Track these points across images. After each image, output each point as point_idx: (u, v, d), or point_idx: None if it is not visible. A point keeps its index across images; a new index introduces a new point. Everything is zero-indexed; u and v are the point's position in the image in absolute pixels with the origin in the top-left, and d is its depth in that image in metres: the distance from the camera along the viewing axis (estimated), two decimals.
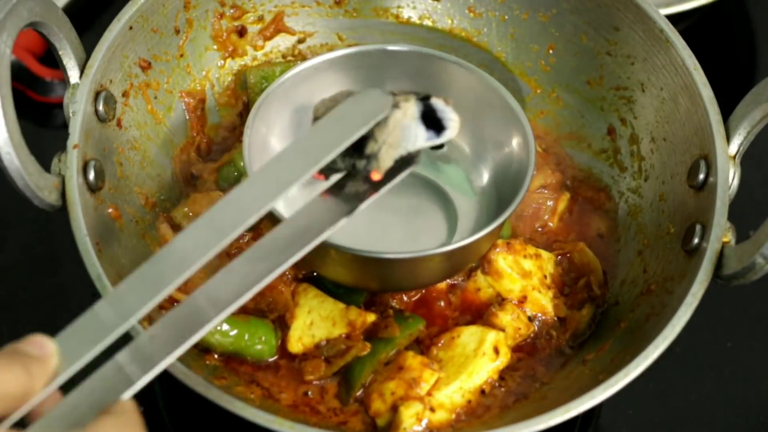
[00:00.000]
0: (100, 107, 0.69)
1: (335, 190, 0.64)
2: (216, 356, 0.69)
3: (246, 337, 0.69)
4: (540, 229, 0.77)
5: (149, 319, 0.66)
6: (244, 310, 0.71)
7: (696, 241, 0.67)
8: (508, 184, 0.72)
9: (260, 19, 0.82)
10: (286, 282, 0.71)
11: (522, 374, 0.71)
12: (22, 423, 0.48)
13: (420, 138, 0.64)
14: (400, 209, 0.73)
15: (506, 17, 0.82)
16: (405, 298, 0.72)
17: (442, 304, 0.73)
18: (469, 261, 0.71)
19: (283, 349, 0.70)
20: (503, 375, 0.70)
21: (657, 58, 0.74)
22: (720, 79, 0.74)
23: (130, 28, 0.72)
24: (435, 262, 0.67)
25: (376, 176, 0.64)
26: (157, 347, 0.54)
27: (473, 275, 0.73)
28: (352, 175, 0.64)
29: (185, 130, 0.79)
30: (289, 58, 0.83)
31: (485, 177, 0.74)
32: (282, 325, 0.70)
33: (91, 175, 0.67)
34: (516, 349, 0.72)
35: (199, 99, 0.80)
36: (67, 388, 0.50)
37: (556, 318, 0.73)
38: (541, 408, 0.62)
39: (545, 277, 0.73)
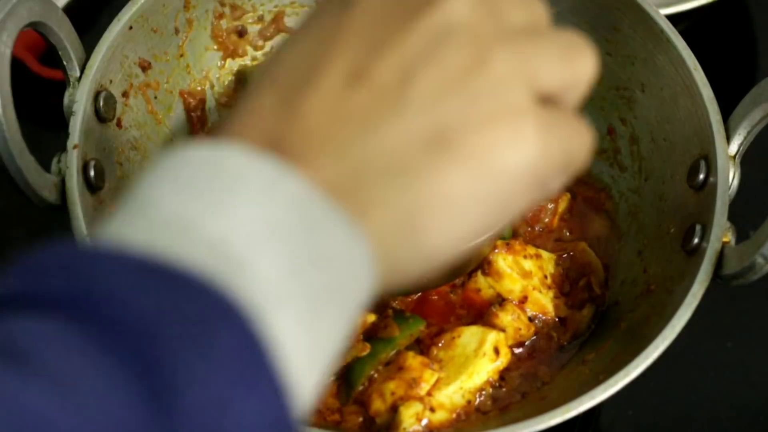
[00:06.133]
0: (100, 107, 0.69)
1: None
2: None
3: None
4: (540, 230, 0.77)
5: None
6: None
7: (696, 241, 0.67)
8: None
9: (260, 19, 0.82)
10: None
11: (522, 374, 0.71)
12: None
13: None
14: None
15: None
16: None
17: (443, 304, 0.73)
18: (470, 266, 0.71)
19: None
20: (503, 375, 0.70)
21: (657, 58, 0.74)
22: (720, 79, 0.74)
23: (130, 28, 0.72)
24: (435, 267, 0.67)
25: None
26: None
27: (473, 276, 0.73)
28: None
29: (185, 130, 0.79)
30: None
31: None
32: None
33: (91, 175, 0.67)
34: (516, 349, 0.72)
35: (199, 99, 0.80)
36: None
37: (556, 318, 0.73)
38: (541, 408, 0.62)
39: (546, 277, 0.73)
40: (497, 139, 0.36)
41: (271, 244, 0.32)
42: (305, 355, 0.33)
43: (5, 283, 0.32)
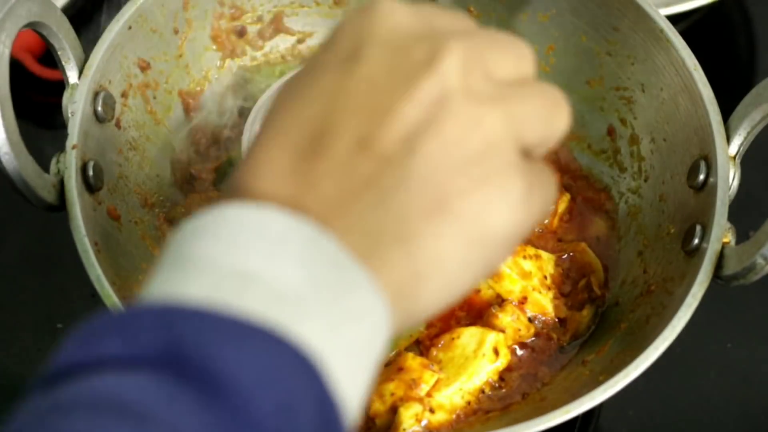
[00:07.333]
0: (99, 108, 0.69)
1: None
2: None
3: None
4: (540, 231, 0.77)
5: None
6: None
7: (696, 241, 0.67)
8: None
9: (260, 19, 0.82)
10: None
11: (522, 375, 0.71)
12: None
13: None
14: None
15: (506, 17, 0.81)
16: None
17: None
18: None
19: None
20: (503, 376, 0.70)
21: (657, 58, 0.74)
22: (720, 79, 0.74)
23: (130, 28, 0.72)
24: None
25: None
26: None
27: None
28: None
29: (184, 131, 0.79)
30: (289, 58, 0.83)
31: None
32: None
33: (90, 176, 0.67)
34: (516, 350, 0.72)
35: (199, 99, 0.80)
36: None
37: (556, 319, 0.73)
38: (541, 409, 0.62)
39: (545, 277, 0.73)
40: (489, 202, 0.38)
41: (313, 303, 0.35)
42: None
43: (89, 347, 0.34)
